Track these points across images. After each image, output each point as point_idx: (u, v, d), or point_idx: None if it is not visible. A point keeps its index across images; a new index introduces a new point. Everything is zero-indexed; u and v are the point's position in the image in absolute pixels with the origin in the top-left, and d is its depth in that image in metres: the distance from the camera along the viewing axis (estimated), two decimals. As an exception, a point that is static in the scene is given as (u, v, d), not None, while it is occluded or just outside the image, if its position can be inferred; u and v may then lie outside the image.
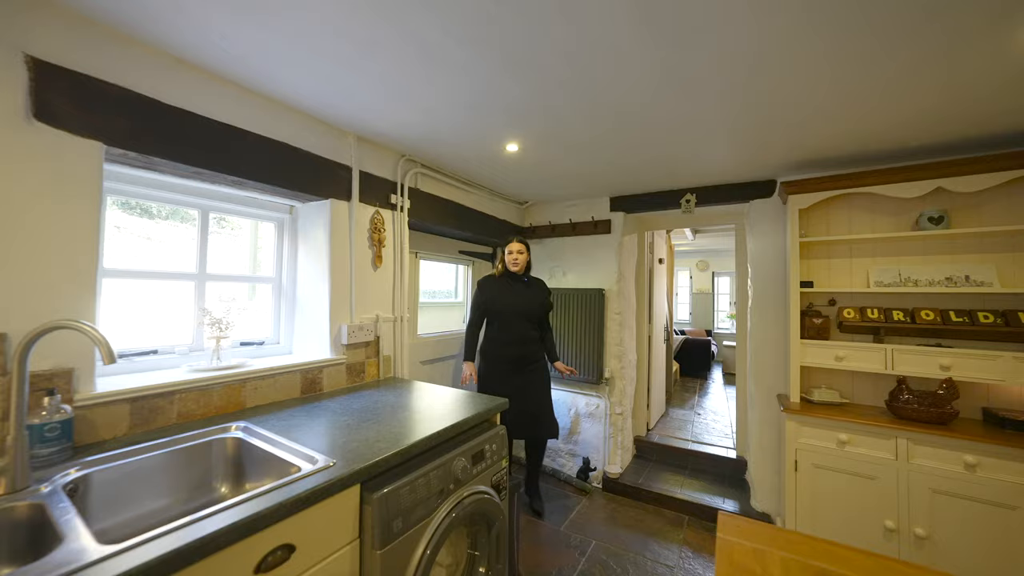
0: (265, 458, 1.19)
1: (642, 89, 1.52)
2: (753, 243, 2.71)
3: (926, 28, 1.14)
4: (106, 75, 1.22)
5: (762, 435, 2.56)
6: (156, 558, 0.69)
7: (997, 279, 1.96)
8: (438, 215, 2.57)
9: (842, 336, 2.29)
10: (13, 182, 1.06)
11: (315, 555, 0.96)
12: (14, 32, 1.06)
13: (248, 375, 1.55)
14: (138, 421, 1.27)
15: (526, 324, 2.52)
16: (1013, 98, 1.52)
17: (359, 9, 1.12)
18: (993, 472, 1.69)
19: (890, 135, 1.88)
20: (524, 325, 2.51)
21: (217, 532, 0.78)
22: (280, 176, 1.70)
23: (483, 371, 2.55)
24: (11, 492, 0.89)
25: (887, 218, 2.21)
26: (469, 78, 1.47)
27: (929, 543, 1.77)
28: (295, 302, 2.01)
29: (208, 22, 1.18)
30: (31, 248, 1.09)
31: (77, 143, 1.17)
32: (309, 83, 1.53)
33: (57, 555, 0.69)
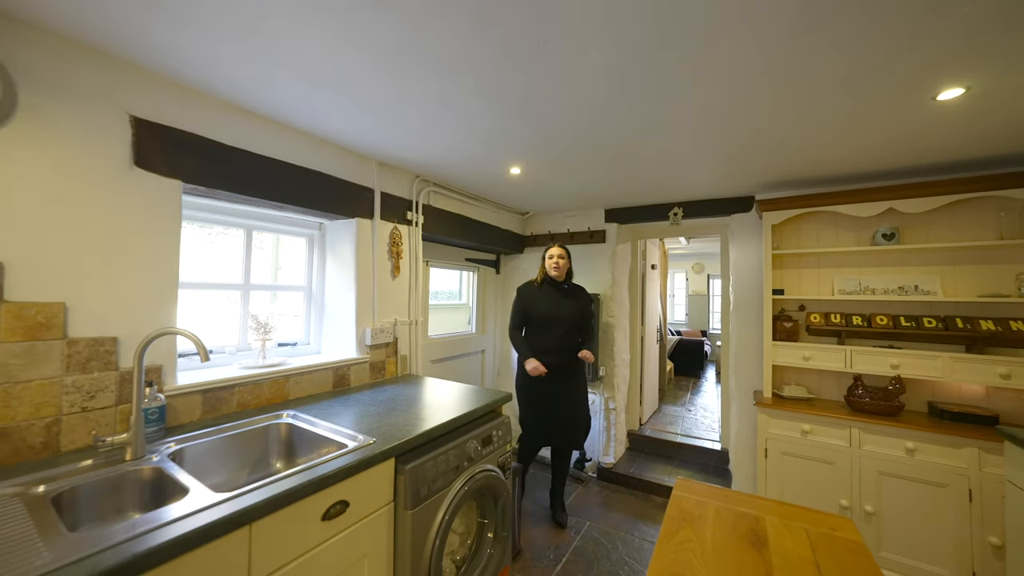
0: (315, 438, 1.46)
1: (628, 131, 1.80)
2: (734, 252, 2.98)
3: (864, 87, 1.40)
4: (184, 125, 1.50)
5: (741, 428, 2.83)
6: (263, 500, 0.97)
7: (941, 289, 2.23)
8: (447, 227, 2.84)
9: (810, 338, 2.56)
10: (120, 217, 1.33)
11: (363, 510, 1.23)
12: (121, 97, 1.34)
13: (291, 372, 1.83)
14: (208, 409, 1.55)
15: (565, 332, 2.46)
16: (934, 140, 1.80)
17: (392, 73, 1.40)
18: (928, 456, 1.96)
19: (847, 163, 2.14)
20: (563, 333, 2.45)
21: (298, 486, 1.05)
22: (314, 200, 1.97)
23: (520, 377, 2.52)
24: (134, 459, 1.16)
25: (849, 233, 2.48)
26: (481, 122, 1.74)
27: (876, 518, 2.04)
28: (323, 308, 2.28)
29: (268, 80, 1.45)
30: (132, 268, 1.36)
31: (164, 183, 1.44)
32: (344, 124, 1.80)
33: (191, 499, 0.96)
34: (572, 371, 2.51)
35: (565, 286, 2.54)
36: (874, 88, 1.41)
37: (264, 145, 1.75)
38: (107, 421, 1.28)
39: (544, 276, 2.54)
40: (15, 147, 1.13)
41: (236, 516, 0.92)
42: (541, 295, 2.50)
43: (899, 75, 1.33)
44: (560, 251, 2.51)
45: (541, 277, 2.55)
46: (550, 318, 2.44)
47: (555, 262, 2.49)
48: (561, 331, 2.44)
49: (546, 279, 2.53)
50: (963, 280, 2.20)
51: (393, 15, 1.09)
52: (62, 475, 1.06)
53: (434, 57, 1.28)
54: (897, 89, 1.42)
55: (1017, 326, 2.00)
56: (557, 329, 2.44)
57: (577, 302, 2.53)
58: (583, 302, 2.57)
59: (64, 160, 1.22)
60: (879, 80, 1.36)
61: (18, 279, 1.13)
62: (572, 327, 2.48)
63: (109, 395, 1.29)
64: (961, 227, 2.21)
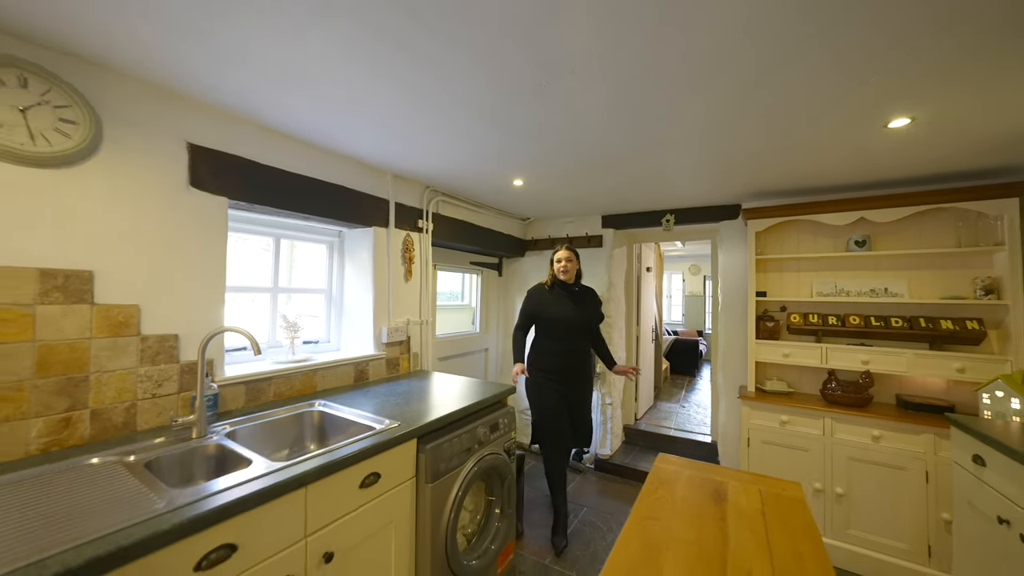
0: (345, 423, 1.67)
1: (621, 149, 2.01)
2: (723, 257, 3.19)
3: (826, 115, 1.60)
4: (228, 148, 1.71)
5: (728, 420, 3.05)
6: (315, 467, 1.18)
7: (907, 291, 2.44)
8: (454, 233, 3.05)
9: (790, 337, 2.77)
10: (179, 231, 1.54)
11: (392, 482, 1.45)
12: (179, 126, 1.55)
13: (318, 366, 2.04)
14: (250, 398, 1.76)
15: (574, 336, 2.45)
16: (890, 159, 2.02)
17: (413, 106, 1.61)
18: (892, 443, 2.17)
19: (821, 176, 2.36)
20: (572, 337, 2.45)
21: (341, 458, 1.26)
22: (337, 210, 2.18)
23: (528, 381, 2.49)
24: (199, 437, 1.38)
25: (826, 240, 2.70)
26: (488, 143, 1.96)
27: (846, 499, 2.25)
28: (342, 309, 2.49)
29: (301, 108, 1.66)
30: (189, 274, 1.57)
31: (213, 200, 1.65)
32: (365, 144, 2.01)
33: (255, 467, 1.17)
34: (581, 374, 2.49)
35: (575, 288, 2.51)
36: (834, 116, 1.62)
37: (294, 163, 1.96)
38: (171, 406, 1.50)
39: (553, 279, 2.52)
40: (101, 174, 1.35)
41: (296, 479, 1.13)
42: (550, 298, 2.48)
43: (855, 107, 1.54)
44: (568, 253, 2.48)
45: (550, 280, 2.53)
46: (559, 321, 2.42)
47: (563, 266, 2.46)
48: (570, 334, 2.43)
49: (555, 282, 2.51)
50: (927, 283, 2.42)
51: (421, 64, 1.31)
52: (145, 448, 1.27)
53: (451, 94, 1.50)
54: (854, 118, 1.63)
55: (972, 325, 2.21)
56: (566, 332, 2.43)
57: (588, 305, 2.51)
58: (594, 305, 2.55)
59: (136, 183, 1.43)
60: (838, 110, 1.57)
61: (104, 285, 1.34)
62: (582, 330, 2.47)
63: (173, 384, 1.50)
64: (925, 235, 2.42)
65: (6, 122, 1.16)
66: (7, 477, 1.06)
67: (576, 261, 2.51)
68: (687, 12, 1.05)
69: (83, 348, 1.30)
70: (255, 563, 1.04)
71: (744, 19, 1.07)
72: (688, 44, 1.18)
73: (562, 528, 2.43)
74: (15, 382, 1.17)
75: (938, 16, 1.04)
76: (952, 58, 1.22)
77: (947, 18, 1.05)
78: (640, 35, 1.14)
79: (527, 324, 2.54)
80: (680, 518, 0.99)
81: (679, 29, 1.11)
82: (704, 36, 1.14)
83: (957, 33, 1.11)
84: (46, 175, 1.24)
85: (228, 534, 0.98)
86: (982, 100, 1.46)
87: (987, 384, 1.99)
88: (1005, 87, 1.37)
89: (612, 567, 0.82)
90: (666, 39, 1.16)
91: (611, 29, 1.12)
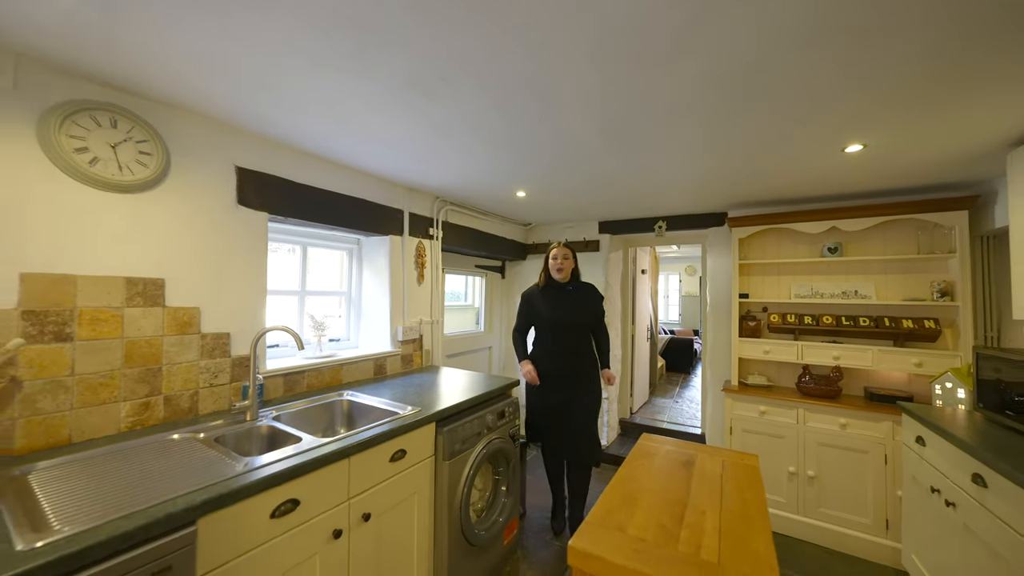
0: (372, 410, 1.91)
1: (615, 168, 2.26)
2: (711, 261, 3.43)
3: (792, 142, 1.85)
4: (268, 169, 1.95)
5: (714, 412, 3.29)
6: (356, 442, 1.42)
7: (874, 293, 2.69)
8: (461, 239, 3.30)
9: (770, 335, 3.01)
10: (229, 243, 1.79)
11: (415, 458, 1.69)
12: (229, 152, 1.79)
13: (343, 361, 2.29)
14: (287, 388, 2.01)
15: (573, 336, 2.33)
16: (852, 178, 2.27)
17: (432, 135, 1.85)
18: (857, 429, 2.41)
19: (796, 190, 2.60)
20: (570, 338, 2.33)
21: (375, 435, 1.50)
22: (358, 221, 2.43)
23: (529, 386, 2.41)
24: (252, 420, 1.62)
25: (803, 246, 2.94)
26: (493, 162, 2.20)
27: (817, 480, 2.50)
28: (361, 309, 2.74)
29: (333, 134, 1.90)
30: (237, 280, 1.81)
31: (256, 215, 1.90)
32: (387, 163, 2.26)
33: (305, 442, 1.42)
34: (582, 377, 2.34)
35: (570, 287, 2.38)
36: (797, 144, 1.87)
37: (322, 180, 2.21)
38: (225, 395, 1.74)
39: (546, 279, 2.41)
40: (168, 197, 1.59)
41: (341, 451, 1.37)
42: (542, 298, 2.39)
43: (814, 136, 1.79)
44: (564, 250, 2.34)
45: (543, 280, 2.43)
46: (553, 322, 2.32)
47: (558, 264, 2.33)
48: (565, 335, 2.31)
49: (549, 282, 2.40)
50: (891, 286, 2.66)
51: (442, 104, 1.55)
52: (210, 427, 1.52)
53: (464, 123, 1.74)
54: (816, 144, 1.87)
55: (929, 324, 2.46)
56: (561, 334, 2.31)
57: (585, 303, 2.37)
58: (592, 301, 2.40)
59: (195, 203, 1.67)
60: (802, 138, 1.81)
61: (172, 291, 1.59)
62: (579, 331, 2.34)
63: (226, 375, 1.75)
64: (890, 242, 2.67)
65: (102, 156, 1.41)
66: (112, 447, 1.30)
67: (572, 259, 2.39)
68: (667, 64, 1.29)
69: (157, 344, 1.54)
70: (312, 516, 1.28)
71: (714, 70, 1.31)
72: (668, 89, 1.42)
73: (560, 512, 2.60)
74: (109, 371, 1.42)
75: (865, 76, 1.29)
76: (891, 101, 1.46)
77: (881, 73, 1.30)
78: (625, 84, 1.39)
79: (525, 326, 2.50)
80: (654, 478, 1.23)
81: (661, 76, 1.36)
82: (681, 82, 1.38)
83: (882, 85, 1.35)
84: (129, 199, 1.49)
85: (293, 492, 1.23)
86: (917, 133, 1.71)
87: (939, 376, 2.24)
88: (937, 125, 1.62)
89: (597, 510, 1.06)
90: (650, 85, 1.40)
91: (600, 76, 1.37)
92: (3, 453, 1.21)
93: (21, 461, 1.19)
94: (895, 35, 1.11)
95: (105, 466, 1.18)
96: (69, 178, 1.35)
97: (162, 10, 1.06)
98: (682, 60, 1.24)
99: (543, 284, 2.43)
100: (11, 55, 1.24)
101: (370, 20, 1.09)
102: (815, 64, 1.25)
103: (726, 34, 1.12)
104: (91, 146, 1.39)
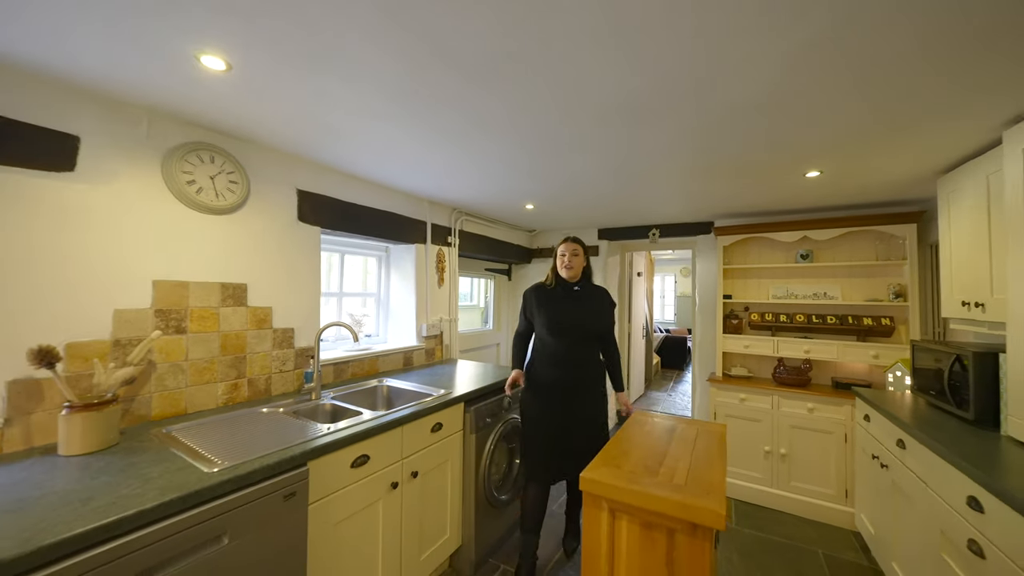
0: (409, 393, 2.27)
1: (613, 189, 2.63)
2: (699, 265, 3.81)
3: (760, 168, 2.22)
4: (321, 190, 2.31)
5: (702, 400, 3.66)
6: (407, 414, 1.79)
7: (840, 295, 3.06)
8: (475, 246, 3.66)
9: (750, 332, 3.39)
10: (292, 253, 2.15)
11: (449, 430, 2.06)
12: (291, 177, 2.15)
13: (379, 353, 2.65)
14: (336, 375, 2.37)
15: (578, 344, 2.07)
16: (814, 196, 2.65)
17: (457, 163, 2.22)
18: (823, 413, 2.79)
19: (772, 204, 2.98)
20: (574, 345, 2.07)
21: (420, 410, 1.86)
22: (389, 232, 2.79)
23: (525, 396, 2.17)
24: (316, 399, 1.99)
25: (780, 253, 3.32)
26: (506, 181, 2.57)
27: (788, 458, 2.87)
28: (388, 309, 3.10)
29: (378, 164, 2.27)
30: (298, 284, 2.17)
31: (311, 230, 2.26)
32: (414, 182, 2.62)
33: (365, 415, 1.78)
34: (589, 389, 2.10)
35: (576, 287, 2.16)
36: (768, 170, 2.24)
37: (362, 197, 2.57)
38: (290, 379, 2.10)
39: (555, 276, 2.18)
40: (248, 217, 1.95)
41: (397, 420, 1.74)
42: (547, 297, 2.16)
43: (780, 164, 2.16)
44: (573, 246, 2.12)
45: (551, 277, 2.19)
46: (556, 325, 2.07)
47: (567, 261, 2.10)
48: (570, 342, 2.06)
49: (557, 280, 2.17)
50: (855, 289, 3.04)
51: (476, 144, 1.92)
52: (285, 404, 1.88)
53: (492, 156, 2.10)
54: (781, 171, 2.25)
55: (885, 321, 2.83)
56: (564, 339, 2.06)
57: (594, 306, 2.14)
58: (602, 306, 2.17)
59: (267, 221, 2.03)
60: (770, 167, 2.18)
61: (252, 293, 1.95)
62: (586, 337, 2.09)
63: (291, 363, 2.11)
64: (854, 250, 3.04)
65: (204, 186, 1.77)
66: (218, 416, 1.67)
67: (583, 256, 2.15)
68: (655, 123, 1.66)
69: (243, 336, 1.90)
70: (378, 469, 1.65)
71: (688, 126, 1.68)
72: (655, 138, 1.79)
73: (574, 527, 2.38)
74: (210, 358, 1.78)
75: (815, 125, 1.66)
76: (839, 142, 1.84)
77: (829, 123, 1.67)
78: (624, 136, 1.76)
79: (526, 330, 2.25)
80: (643, 438, 1.60)
81: (649, 131, 1.73)
82: (665, 134, 1.75)
83: (831, 130, 1.73)
84: (222, 219, 1.85)
85: (365, 449, 1.59)
86: (864, 164, 2.08)
87: (891, 366, 2.62)
88: (879, 157, 1.99)
89: (599, 457, 1.42)
90: (642, 136, 1.77)
91: (603, 131, 1.74)
92: (145, 419, 1.58)
93: (160, 424, 1.55)
94: (836, 104, 1.48)
95: (221, 428, 1.54)
96: (182, 204, 1.71)
97: (277, 87, 1.42)
98: (664, 121, 1.61)
99: (552, 283, 2.19)
100: (145, 112, 1.60)
101: (429, 92, 1.45)
102: (772, 121, 1.62)
103: (694, 109, 1.48)
104: (197, 178, 1.75)
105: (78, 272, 1.44)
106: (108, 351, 1.49)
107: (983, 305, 1.79)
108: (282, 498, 1.27)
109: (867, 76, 1.30)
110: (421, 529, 1.89)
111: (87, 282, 1.46)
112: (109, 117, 1.52)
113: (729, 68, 1.27)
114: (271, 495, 1.24)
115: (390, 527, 1.71)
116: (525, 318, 2.26)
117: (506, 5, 1.02)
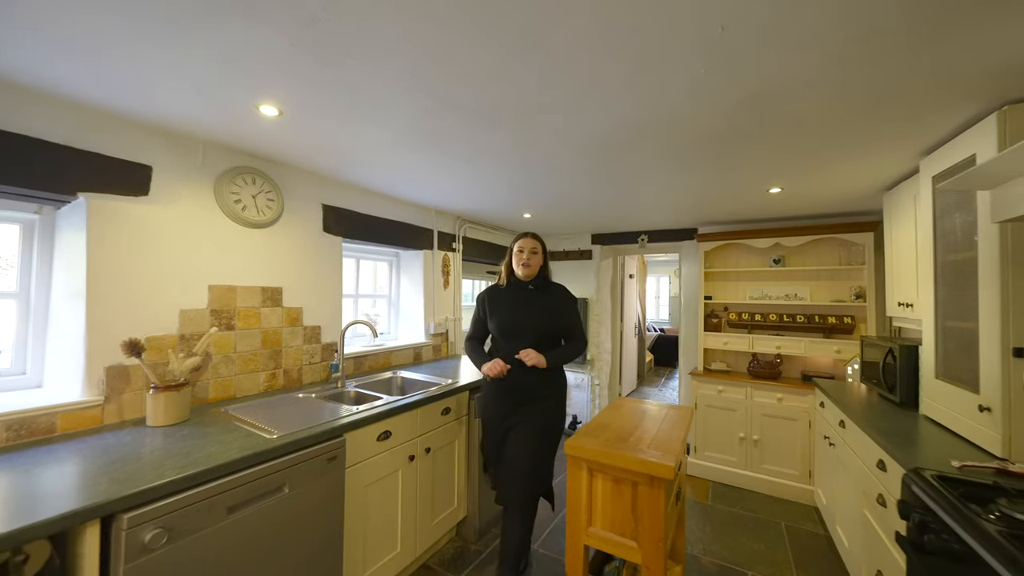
0: (420, 383, 2.58)
1: (606, 199, 2.94)
2: (684, 268, 4.12)
3: (730, 183, 2.53)
4: (342, 204, 2.62)
5: (686, 393, 3.98)
6: (421, 398, 2.09)
7: (809, 296, 3.38)
8: (477, 251, 3.97)
9: (729, 330, 3.70)
10: (318, 260, 2.45)
11: (456, 414, 2.36)
12: (318, 194, 2.46)
13: (392, 349, 2.96)
14: (355, 368, 2.68)
15: (534, 347, 1.90)
16: (783, 207, 2.95)
17: (461, 179, 2.53)
18: (790, 402, 3.10)
19: (747, 213, 3.29)
20: (525, 347, 1.90)
21: (433, 395, 2.17)
22: (400, 240, 3.10)
23: (481, 402, 2.11)
24: (342, 387, 2.29)
25: (755, 257, 3.63)
26: (506, 194, 2.88)
27: (760, 443, 3.18)
28: (399, 309, 3.41)
29: (390, 180, 2.58)
30: (323, 287, 2.48)
31: (334, 239, 2.56)
32: (424, 195, 2.93)
33: (385, 399, 2.08)
34: (541, 395, 1.93)
35: (530, 286, 2.00)
36: (736, 185, 2.55)
37: (377, 209, 2.88)
38: (318, 371, 2.41)
39: (509, 275, 2.03)
40: (283, 230, 2.26)
41: (414, 403, 2.05)
42: (501, 299, 2.02)
43: (746, 181, 2.47)
44: (532, 242, 1.97)
45: (506, 277, 2.04)
46: (508, 328, 1.94)
47: (524, 258, 1.95)
48: (524, 345, 1.90)
49: (511, 279, 2.03)
50: (822, 290, 3.35)
51: (474, 164, 2.23)
52: (317, 391, 2.19)
53: (487, 173, 2.41)
54: (747, 186, 2.56)
55: (847, 320, 3.15)
56: (519, 342, 1.91)
57: (551, 304, 1.98)
58: (562, 303, 2.02)
59: (298, 233, 2.34)
60: (737, 182, 2.49)
61: (286, 295, 2.26)
62: (540, 340, 1.93)
63: (318, 356, 2.42)
64: (821, 255, 3.36)
65: (248, 204, 2.08)
66: (262, 400, 1.98)
67: (542, 254, 2.00)
68: (636, 144, 1.97)
69: (279, 333, 2.21)
70: (398, 443, 1.96)
71: (663, 149, 1.99)
72: (636, 158, 2.10)
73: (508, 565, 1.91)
74: (254, 351, 2.09)
75: (772, 148, 1.97)
76: (793, 162, 2.15)
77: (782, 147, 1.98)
78: (610, 158, 2.07)
79: (480, 333, 2.12)
80: (619, 419, 1.91)
81: (632, 154, 2.04)
82: (645, 155, 2.06)
83: (785, 152, 2.04)
84: (262, 232, 2.16)
85: (387, 426, 1.90)
86: (818, 180, 2.39)
87: (850, 360, 2.93)
88: (832, 174, 2.30)
89: (582, 430, 1.73)
90: (624, 159, 2.08)
91: (588, 156, 2.05)
92: (204, 401, 1.89)
93: (217, 405, 1.86)
94: (779, 140, 1.79)
95: (268, 409, 1.85)
96: (230, 220, 2.02)
97: (317, 129, 1.73)
98: (644, 141, 1.92)
99: (505, 283, 2.04)
100: (201, 143, 1.91)
101: (445, 132, 1.76)
102: (732, 149, 1.93)
103: (666, 137, 1.80)
104: (242, 198, 2.05)
105: (154, 279, 1.75)
106: (176, 344, 1.80)
107: (911, 305, 2.10)
108: (326, 460, 1.58)
109: (799, 119, 1.62)
110: (433, 497, 2.20)
111: (160, 286, 1.77)
112: (174, 150, 1.83)
113: (687, 114, 1.58)
114: (318, 457, 1.55)
115: (408, 492, 2.02)
116: (477, 322, 2.11)
117: (514, 77, 1.33)
